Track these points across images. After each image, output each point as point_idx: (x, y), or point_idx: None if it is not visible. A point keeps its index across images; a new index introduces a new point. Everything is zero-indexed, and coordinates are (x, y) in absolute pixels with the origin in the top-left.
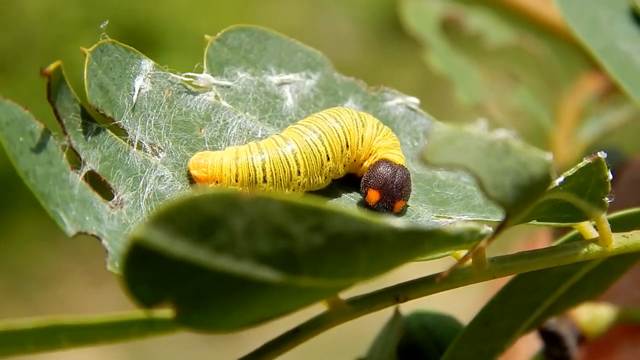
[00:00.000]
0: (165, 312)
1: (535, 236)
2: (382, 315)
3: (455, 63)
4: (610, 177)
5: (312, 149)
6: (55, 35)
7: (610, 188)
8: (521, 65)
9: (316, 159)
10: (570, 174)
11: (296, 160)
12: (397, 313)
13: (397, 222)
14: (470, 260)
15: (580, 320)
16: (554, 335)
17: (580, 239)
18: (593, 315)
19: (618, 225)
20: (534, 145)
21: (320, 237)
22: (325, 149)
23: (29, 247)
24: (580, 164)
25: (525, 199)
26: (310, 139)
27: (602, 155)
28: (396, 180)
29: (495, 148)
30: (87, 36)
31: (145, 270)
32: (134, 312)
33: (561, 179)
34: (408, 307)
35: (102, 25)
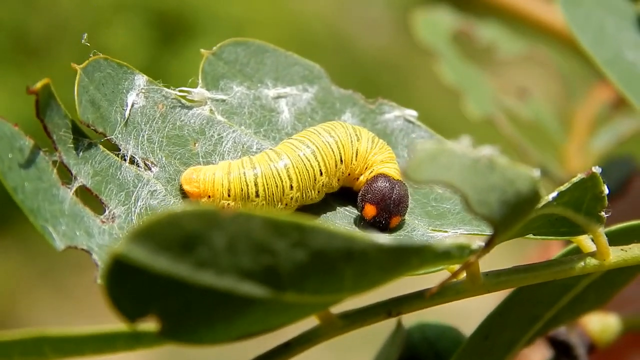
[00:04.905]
0: (149, 326)
1: (549, 245)
2: None
3: (467, 74)
4: (607, 191)
5: (305, 164)
6: (89, 21)
7: (607, 202)
8: (533, 76)
9: (309, 174)
10: (564, 189)
11: (289, 175)
12: (399, 325)
13: (382, 239)
14: (465, 275)
15: (590, 329)
16: (563, 344)
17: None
18: (603, 324)
19: (618, 238)
20: (546, 156)
21: (303, 253)
22: (319, 164)
23: None
24: (574, 179)
25: (513, 215)
26: (304, 154)
27: (597, 170)
28: (394, 196)
29: (480, 165)
30: (120, 21)
31: (127, 285)
32: (118, 325)
33: (554, 194)
34: (413, 318)
35: (83, 39)
